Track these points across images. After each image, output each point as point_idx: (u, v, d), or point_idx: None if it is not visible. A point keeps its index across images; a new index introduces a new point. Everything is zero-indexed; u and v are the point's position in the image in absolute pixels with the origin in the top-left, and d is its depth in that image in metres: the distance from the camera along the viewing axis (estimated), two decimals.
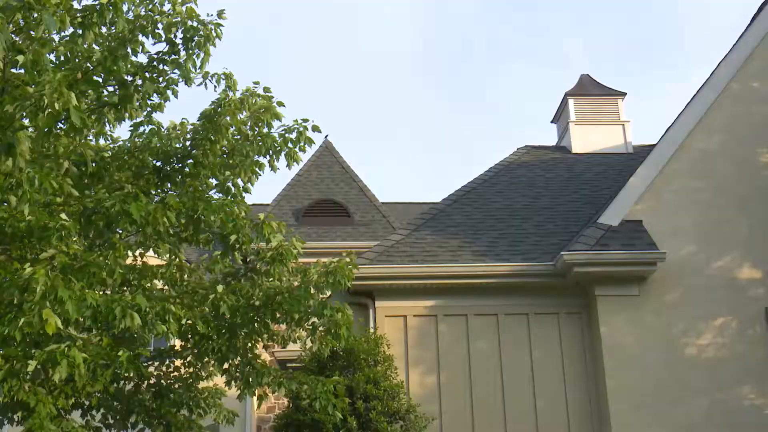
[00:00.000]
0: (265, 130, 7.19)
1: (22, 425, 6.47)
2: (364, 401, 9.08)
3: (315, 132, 7.43)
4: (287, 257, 7.18)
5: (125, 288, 7.30)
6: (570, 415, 10.83)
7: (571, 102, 16.38)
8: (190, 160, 7.05)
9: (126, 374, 6.91)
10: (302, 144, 7.39)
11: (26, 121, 5.55)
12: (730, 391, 10.63)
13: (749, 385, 10.64)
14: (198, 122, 7.14)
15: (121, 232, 6.84)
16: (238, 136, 7.18)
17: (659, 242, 11.14)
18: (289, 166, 7.34)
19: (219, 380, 7.99)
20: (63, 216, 5.89)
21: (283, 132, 7.33)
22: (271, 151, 7.27)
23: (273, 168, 7.37)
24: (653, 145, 12.51)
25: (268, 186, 56.67)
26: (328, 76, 55.13)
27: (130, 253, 7.36)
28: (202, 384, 8.07)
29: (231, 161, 7.19)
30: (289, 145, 7.31)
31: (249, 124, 7.18)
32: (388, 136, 56.87)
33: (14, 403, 6.36)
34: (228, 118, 6.87)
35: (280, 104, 7.26)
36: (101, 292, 6.27)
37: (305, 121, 7.43)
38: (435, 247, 11.90)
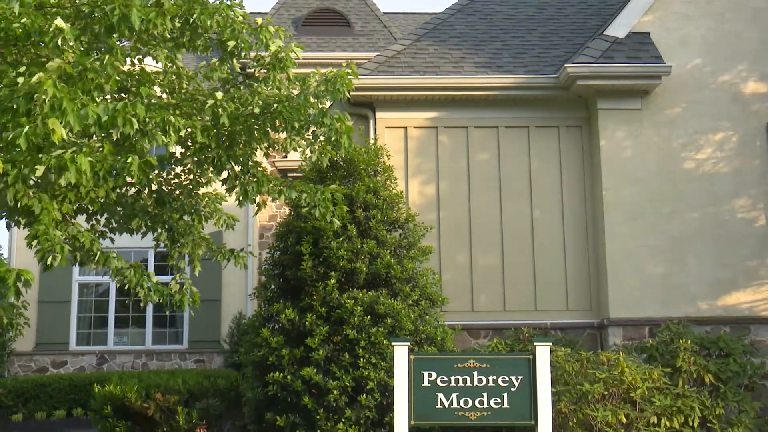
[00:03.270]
0: None
1: (28, 229, 6.59)
2: (364, 210, 9.23)
3: None
4: (286, 63, 7.05)
5: (123, 94, 7.22)
6: (566, 225, 11.06)
7: None
8: None
9: (137, 182, 6.96)
10: None
11: None
12: (724, 204, 10.80)
13: (743, 199, 10.79)
14: None
15: (117, 35, 6.67)
16: None
17: (665, 55, 10.95)
18: None
19: (219, 186, 8.08)
20: (59, 21, 5.72)
21: None
22: None
23: None
24: None
25: None
26: None
27: (128, 60, 7.24)
28: (203, 190, 8.16)
29: None
30: None
31: None
32: None
33: (19, 208, 6.44)
34: None
35: None
36: (101, 98, 6.21)
37: None
38: (437, 58, 11.70)
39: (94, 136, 6.74)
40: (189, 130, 7.00)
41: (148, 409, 9.12)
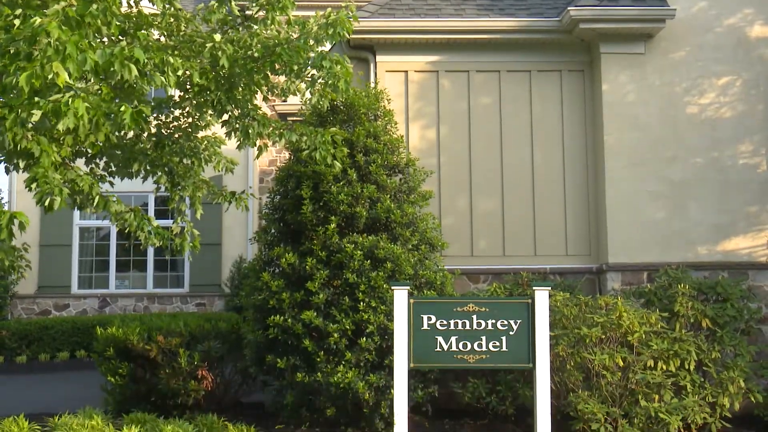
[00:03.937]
0: None
1: (27, 172, 6.57)
2: (364, 155, 9.20)
3: None
4: (285, 3, 6.96)
5: (122, 38, 7.14)
6: (566, 170, 11.02)
7: None
8: None
9: (129, 127, 6.93)
10: None
11: None
12: (726, 149, 10.75)
13: (746, 144, 10.74)
14: None
15: None
16: None
17: None
18: None
19: (218, 129, 8.04)
20: None
21: None
22: None
23: None
24: None
25: None
26: None
27: (124, 2, 7.14)
28: (202, 134, 8.12)
29: None
30: None
31: None
32: None
33: (18, 151, 6.42)
34: None
35: None
36: (99, 41, 6.14)
37: None
38: (438, 0, 11.54)
39: (92, 80, 6.69)
40: (187, 72, 6.95)
41: (150, 351, 9.21)
